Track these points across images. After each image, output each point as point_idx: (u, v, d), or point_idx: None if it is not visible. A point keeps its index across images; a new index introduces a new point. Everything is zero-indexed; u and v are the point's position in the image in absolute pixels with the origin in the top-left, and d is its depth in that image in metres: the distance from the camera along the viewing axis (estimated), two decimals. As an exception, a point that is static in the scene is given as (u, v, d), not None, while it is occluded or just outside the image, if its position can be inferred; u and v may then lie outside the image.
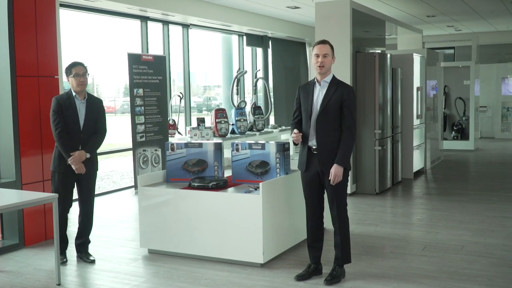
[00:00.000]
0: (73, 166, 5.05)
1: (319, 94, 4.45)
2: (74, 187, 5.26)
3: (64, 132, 5.07)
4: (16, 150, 5.68)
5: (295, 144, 4.62)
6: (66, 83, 6.08)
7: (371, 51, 8.89)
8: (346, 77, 7.99)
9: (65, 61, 6.43)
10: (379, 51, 8.87)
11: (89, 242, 5.37)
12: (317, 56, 4.42)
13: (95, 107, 5.24)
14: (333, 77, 4.50)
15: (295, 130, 4.50)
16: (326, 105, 4.39)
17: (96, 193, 8.88)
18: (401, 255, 5.27)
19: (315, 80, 4.51)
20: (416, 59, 9.78)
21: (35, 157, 5.85)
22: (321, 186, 4.55)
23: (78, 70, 5.11)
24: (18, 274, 4.92)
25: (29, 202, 4.45)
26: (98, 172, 5.33)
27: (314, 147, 4.46)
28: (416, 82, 9.77)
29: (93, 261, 5.21)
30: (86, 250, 5.33)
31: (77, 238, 5.35)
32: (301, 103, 4.56)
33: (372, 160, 8.25)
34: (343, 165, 4.36)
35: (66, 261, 5.20)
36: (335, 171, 4.35)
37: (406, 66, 9.53)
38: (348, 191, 7.97)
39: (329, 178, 4.38)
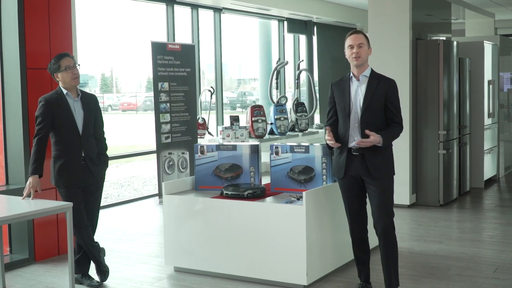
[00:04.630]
0: (25, 195, 4.80)
1: (357, 90, 4.52)
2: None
3: (45, 140, 4.98)
4: (26, 153, 5.78)
5: (330, 148, 4.65)
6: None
7: (434, 38, 8.78)
8: (404, 69, 7.92)
9: (81, 52, 6.52)
10: (444, 38, 8.77)
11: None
12: (351, 47, 4.54)
13: (92, 106, 5.15)
14: (372, 70, 4.57)
15: (328, 133, 4.47)
16: (369, 102, 4.44)
17: (115, 202, 9.09)
18: (470, 277, 5.20)
19: (351, 75, 4.58)
20: (488, 47, 9.64)
21: (47, 160, 5.93)
22: (362, 193, 4.59)
23: (68, 62, 4.99)
24: (28, 294, 5.02)
25: (40, 212, 4.51)
26: (117, 178, 5.36)
27: (357, 147, 4.44)
28: (488, 74, 9.64)
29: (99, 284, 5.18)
30: (88, 270, 5.23)
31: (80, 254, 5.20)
32: (335, 101, 4.61)
33: (436, 166, 8.15)
34: (383, 139, 4.35)
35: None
36: (372, 137, 4.31)
37: (476, 55, 9.40)
38: (407, 203, 7.99)
39: (357, 140, 4.36)
